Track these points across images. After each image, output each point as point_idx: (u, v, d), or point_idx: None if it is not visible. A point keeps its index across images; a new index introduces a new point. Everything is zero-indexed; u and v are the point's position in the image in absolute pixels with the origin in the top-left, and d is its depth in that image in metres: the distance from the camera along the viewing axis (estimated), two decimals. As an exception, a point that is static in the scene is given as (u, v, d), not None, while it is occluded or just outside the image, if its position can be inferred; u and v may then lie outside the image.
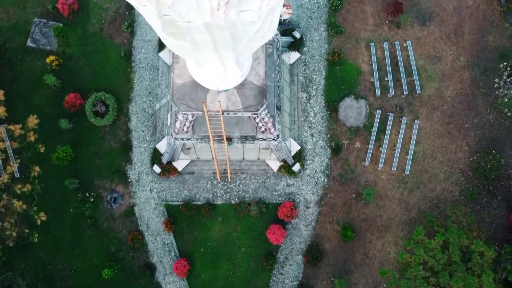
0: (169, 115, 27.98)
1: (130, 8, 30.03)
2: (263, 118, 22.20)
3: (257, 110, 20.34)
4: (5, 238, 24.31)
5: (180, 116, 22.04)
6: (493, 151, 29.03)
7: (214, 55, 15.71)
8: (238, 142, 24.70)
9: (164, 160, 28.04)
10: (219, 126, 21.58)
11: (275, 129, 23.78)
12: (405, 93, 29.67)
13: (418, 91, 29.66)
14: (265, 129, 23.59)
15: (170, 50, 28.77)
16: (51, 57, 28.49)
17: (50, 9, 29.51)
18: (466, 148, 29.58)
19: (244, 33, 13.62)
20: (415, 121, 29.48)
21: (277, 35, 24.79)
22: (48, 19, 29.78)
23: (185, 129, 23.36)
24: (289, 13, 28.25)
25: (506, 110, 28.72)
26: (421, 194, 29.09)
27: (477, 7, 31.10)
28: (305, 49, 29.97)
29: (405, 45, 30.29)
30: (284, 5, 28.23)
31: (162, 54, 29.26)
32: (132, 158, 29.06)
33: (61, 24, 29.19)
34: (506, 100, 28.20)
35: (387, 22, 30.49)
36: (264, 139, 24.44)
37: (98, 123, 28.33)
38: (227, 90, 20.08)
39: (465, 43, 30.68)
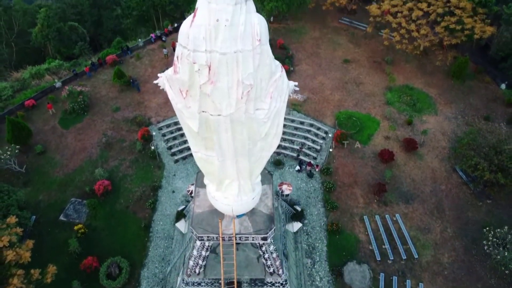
0: (179, 278, 28.96)
1: (154, 190, 35.41)
2: (271, 253, 23.92)
3: (267, 234, 22.50)
4: None
5: (195, 251, 23.84)
6: (507, 313, 28.44)
7: (233, 165, 19.81)
8: (247, 288, 25.21)
9: (170, 321, 27.23)
10: (231, 268, 22.98)
11: (283, 271, 24.90)
12: (404, 258, 31.39)
13: (416, 257, 31.48)
14: (273, 271, 24.72)
15: (185, 221, 32.59)
16: (79, 225, 31.82)
17: (87, 190, 34.79)
18: (479, 313, 29.01)
19: (257, 133, 18.29)
20: (420, 284, 30.03)
21: (280, 195, 29.05)
22: (82, 198, 34.64)
23: (197, 270, 24.55)
24: (289, 189, 33.52)
25: (503, 268, 29.77)
26: None
27: (450, 190, 36.51)
28: (306, 221, 33.55)
29: (394, 218, 34.04)
30: (285, 184, 33.80)
31: (178, 224, 32.62)
32: (136, 324, 28.13)
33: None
34: (499, 257, 29.76)
35: (375, 200, 35.22)
36: (273, 284, 25.07)
37: (109, 285, 28.92)
38: (240, 216, 22.90)
39: (448, 217, 34.51)
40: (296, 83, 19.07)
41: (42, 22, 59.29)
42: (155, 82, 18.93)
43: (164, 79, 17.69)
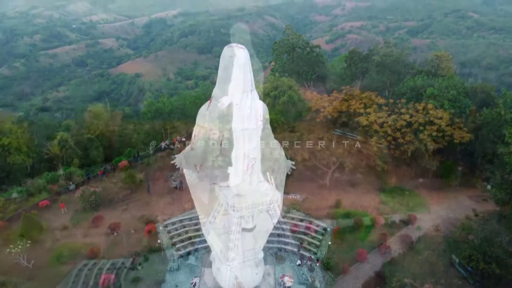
0: None
1: (158, 284, 35.82)
2: (274, 334, 24.20)
3: (270, 310, 23.22)
4: None
5: (199, 333, 24.14)
6: None
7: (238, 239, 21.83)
8: None
9: None
10: None
11: None
12: None
13: None
14: None
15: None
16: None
17: (91, 284, 35.25)
18: None
19: (260, 204, 20.79)
20: None
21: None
22: (87, 292, 34.94)
23: None
24: (291, 281, 34.45)
25: None
26: None
27: (450, 285, 36.79)
28: (309, 316, 33.44)
29: (398, 313, 33.93)
30: (286, 276, 34.75)
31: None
32: None
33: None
34: None
35: (377, 296, 35.47)
36: None
37: None
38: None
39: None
40: (293, 162, 22.25)
41: (62, 135, 64.93)
42: (172, 162, 22.13)
43: (181, 157, 20.94)
